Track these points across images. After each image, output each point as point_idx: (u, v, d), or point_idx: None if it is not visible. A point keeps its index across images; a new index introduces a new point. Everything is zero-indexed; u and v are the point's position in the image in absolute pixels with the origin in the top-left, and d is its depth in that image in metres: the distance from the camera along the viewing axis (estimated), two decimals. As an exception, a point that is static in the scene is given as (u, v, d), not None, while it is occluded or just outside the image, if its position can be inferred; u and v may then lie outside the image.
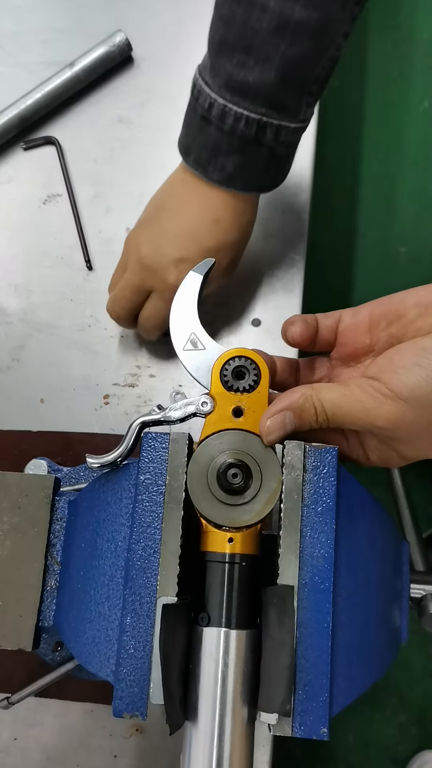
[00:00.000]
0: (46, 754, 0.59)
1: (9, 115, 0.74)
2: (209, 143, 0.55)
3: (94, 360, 0.70)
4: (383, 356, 0.41)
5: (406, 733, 1.29)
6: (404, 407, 0.39)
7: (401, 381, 0.39)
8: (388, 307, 0.45)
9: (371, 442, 0.44)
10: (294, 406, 0.41)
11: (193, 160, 0.57)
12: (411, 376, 0.38)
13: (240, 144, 0.54)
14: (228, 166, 0.55)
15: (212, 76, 0.53)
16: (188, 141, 0.57)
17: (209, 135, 0.55)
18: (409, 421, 0.39)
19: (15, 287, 0.73)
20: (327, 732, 0.38)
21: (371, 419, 0.39)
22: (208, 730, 0.38)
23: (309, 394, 0.41)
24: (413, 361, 0.39)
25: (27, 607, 0.46)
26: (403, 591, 0.47)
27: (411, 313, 0.44)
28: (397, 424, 0.39)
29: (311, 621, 0.39)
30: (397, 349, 0.41)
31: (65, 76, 0.75)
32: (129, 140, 0.76)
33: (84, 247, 0.73)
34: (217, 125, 0.54)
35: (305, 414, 0.41)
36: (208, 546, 0.42)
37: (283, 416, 0.41)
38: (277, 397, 0.43)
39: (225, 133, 0.54)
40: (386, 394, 0.39)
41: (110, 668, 0.41)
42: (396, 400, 0.39)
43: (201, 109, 0.55)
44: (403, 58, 1.54)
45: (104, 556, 0.43)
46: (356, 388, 0.40)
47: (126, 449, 0.43)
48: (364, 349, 0.47)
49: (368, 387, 0.40)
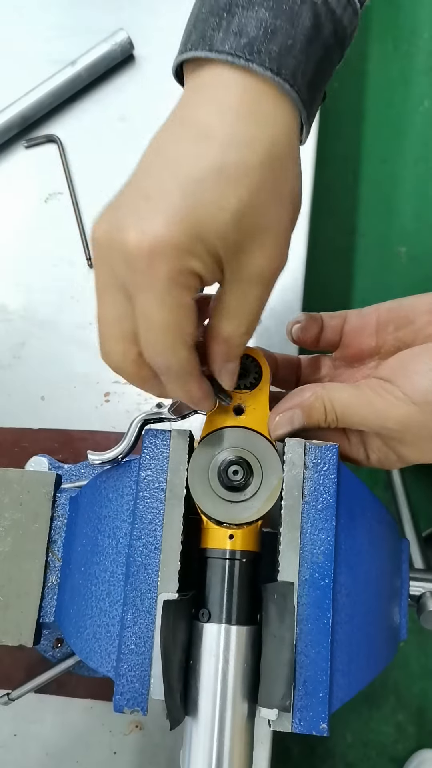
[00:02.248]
0: (45, 751, 0.60)
1: (11, 113, 0.74)
2: (219, 3, 0.35)
3: (94, 357, 0.70)
4: (395, 358, 0.42)
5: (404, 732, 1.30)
6: (416, 411, 0.39)
7: (415, 385, 0.39)
8: (397, 312, 0.46)
9: (374, 443, 0.45)
10: (304, 405, 0.42)
11: (193, 42, 0.36)
12: (425, 381, 0.39)
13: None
14: (249, 26, 0.34)
15: None
16: (189, 29, 0.37)
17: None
18: (419, 424, 0.39)
19: (16, 285, 0.73)
20: (326, 728, 0.38)
21: (382, 421, 0.40)
22: (209, 725, 0.38)
23: (320, 394, 0.41)
24: (428, 366, 0.39)
25: (28, 603, 0.46)
26: (403, 588, 0.47)
27: (422, 320, 0.44)
28: (406, 426, 0.40)
29: (311, 617, 0.40)
30: (410, 352, 0.41)
31: (67, 74, 0.75)
32: (130, 138, 0.76)
33: (85, 245, 0.73)
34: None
35: (314, 412, 0.41)
36: (209, 542, 0.42)
37: (292, 413, 0.42)
38: (287, 394, 0.43)
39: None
40: (399, 396, 0.39)
41: (111, 664, 0.41)
42: (408, 404, 0.39)
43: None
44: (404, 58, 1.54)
45: (105, 553, 0.43)
46: (367, 389, 0.40)
47: (128, 446, 0.43)
48: (369, 351, 0.47)
49: (380, 389, 0.40)
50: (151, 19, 0.80)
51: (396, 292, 0.57)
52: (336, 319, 0.48)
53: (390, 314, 0.46)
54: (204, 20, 0.35)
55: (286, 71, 0.34)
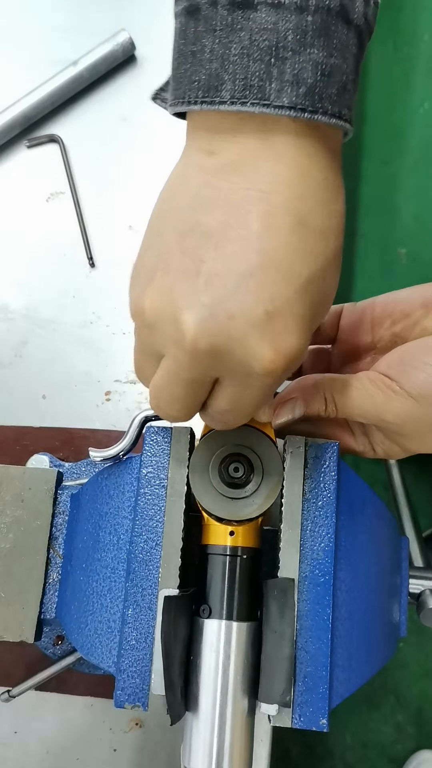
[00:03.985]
0: (45, 748, 0.60)
1: (13, 113, 0.75)
2: (259, 44, 0.29)
3: (96, 356, 0.70)
4: (393, 353, 0.42)
5: (403, 733, 1.30)
6: (413, 404, 0.39)
7: (411, 379, 0.39)
8: (393, 306, 0.46)
9: (377, 435, 0.45)
10: (305, 394, 0.42)
11: (235, 93, 0.30)
12: (421, 375, 0.39)
13: (322, 23, 0.29)
14: (305, 72, 0.29)
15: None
16: (206, 68, 0.30)
17: (255, 32, 0.29)
18: (417, 417, 0.40)
19: (18, 284, 0.73)
20: (326, 723, 0.38)
21: (380, 414, 0.40)
22: (209, 720, 0.39)
23: (321, 384, 0.42)
24: (424, 360, 0.40)
25: (29, 600, 0.46)
26: (402, 586, 0.47)
27: (417, 313, 0.45)
28: (405, 420, 0.40)
29: (311, 613, 0.40)
30: (407, 346, 0.42)
31: (69, 74, 0.75)
32: (132, 139, 0.77)
33: (86, 245, 0.73)
34: (270, 4, 0.29)
35: (315, 402, 0.42)
36: (210, 539, 0.42)
37: (294, 402, 0.42)
38: (290, 384, 0.44)
39: (287, 10, 0.29)
40: (396, 390, 0.40)
41: (112, 660, 0.41)
42: (406, 398, 0.39)
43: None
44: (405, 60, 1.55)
45: (106, 549, 0.43)
46: (367, 381, 0.41)
47: (129, 443, 0.44)
48: (366, 346, 0.48)
49: (379, 382, 0.40)
50: (153, 20, 0.80)
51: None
52: (330, 315, 0.48)
53: (386, 309, 0.46)
54: (240, 64, 0.29)
55: (347, 111, 0.31)
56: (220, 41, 0.30)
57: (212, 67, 0.30)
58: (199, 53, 0.30)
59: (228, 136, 0.31)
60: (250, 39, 0.29)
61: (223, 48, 0.29)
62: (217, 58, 0.30)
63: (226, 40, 0.29)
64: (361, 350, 0.48)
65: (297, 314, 0.31)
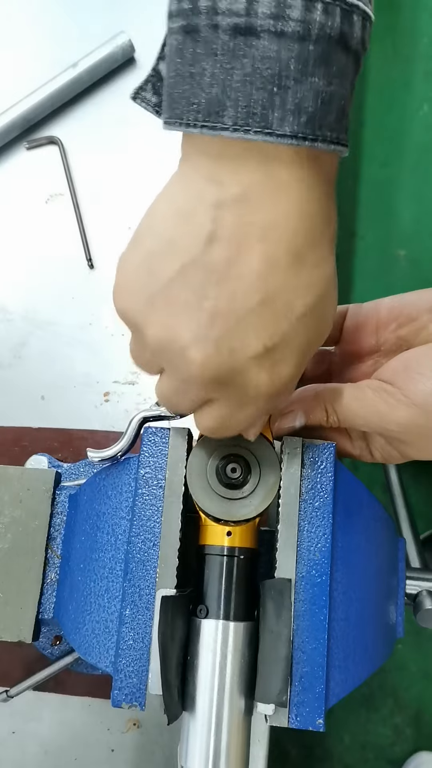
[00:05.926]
0: (43, 748, 0.60)
1: (12, 114, 0.75)
2: (262, 72, 0.29)
3: (94, 357, 0.70)
4: (398, 359, 0.42)
5: (401, 735, 1.30)
6: (418, 413, 0.39)
7: (417, 387, 0.39)
8: (399, 310, 0.46)
9: (377, 441, 0.45)
10: (306, 406, 0.42)
11: (237, 120, 0.29)
12: (428, 384, 0.39)
13: (323, 51, 0.29)
14: (306, 101, 0.29)
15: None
16: (206, 92, 0.30)
17: (257, 60, 0.29)
18: (420, 426, 0.40)
19: (17, 285, 0.73)
20: (323, 723, 0.39)
21: (384, 423, 0.40)
22: (206, 720, 0.39)
23: (322, 395, 0.42)
24: (430, 368, 0.40)
25: (27, 600, 0.46)
26: (399, 587, 0.47)
27: (423, 317, 0.44)
28: (408, 428, 0.40)
29: (308, 614, 0.40)
30: (412, 353, 0.42)
31: (68, 76, 0.75)
32: (131, 141, 0.77)
33: (86, 246, 0.73)
34: (273, 32, 0.29)
35: (316, 414, 0.42)
36: (207, 539, 0.42)
37: (295, 414, 0.42)
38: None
39: (289, 39, 0.29)
40: (400, 399, 0.39)
41: (109, 659, 0.41)
42: (410, 406, 0.39)
43: (227, 20, 0.29)
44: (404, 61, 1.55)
45: (104, 549, 0.43)
46: (369, 391, 0.41)
47: (127, 443, 0.44)
48: (369, 349, 0.48)
49: (381, 391, 0.40)
50: (153, 23, 0.80)
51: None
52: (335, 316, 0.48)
53: (391, 312, 0.46)
54: (242, 91, 0.29)
55: (344, 135, 0.31)
56: (221, 66, 0.29)
57: (213, 91, 0.30)
58: (198, 75, 0.30)
59: (234, 167, 0.31)
60: (253, 66, 0.29)
61: (225, 74, 0.29)
62: (218, 83, 0.29)
63: (228, 65, 0.29)
64: (364, 352, 0.48)
65: (293, 346, 0.33)
